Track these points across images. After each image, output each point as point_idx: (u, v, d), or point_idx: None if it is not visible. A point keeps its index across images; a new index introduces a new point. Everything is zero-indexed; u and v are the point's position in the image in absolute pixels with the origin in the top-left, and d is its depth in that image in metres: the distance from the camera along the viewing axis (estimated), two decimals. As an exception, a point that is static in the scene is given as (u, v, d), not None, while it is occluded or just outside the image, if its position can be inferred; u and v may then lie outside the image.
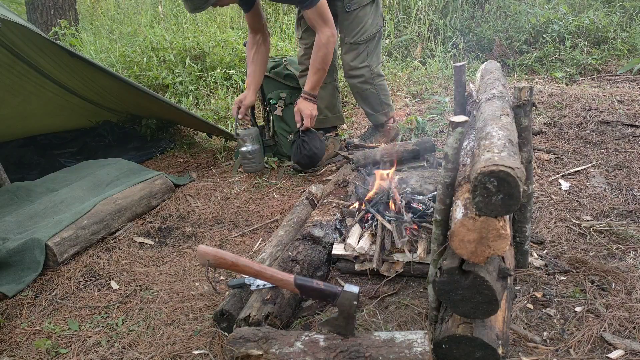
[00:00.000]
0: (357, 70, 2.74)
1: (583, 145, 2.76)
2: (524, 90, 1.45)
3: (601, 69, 4.41)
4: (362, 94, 2.84)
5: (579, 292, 1.58)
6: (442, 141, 2.96)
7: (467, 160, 1.36)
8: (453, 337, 1.23)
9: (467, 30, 5.06)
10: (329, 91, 2.90)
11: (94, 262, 2.06)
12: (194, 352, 1.49)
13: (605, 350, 1.35)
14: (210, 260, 1.49)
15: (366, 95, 2.84)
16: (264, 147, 3.07)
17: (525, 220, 1.63)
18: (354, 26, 2.64)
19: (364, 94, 2.83)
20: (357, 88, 2.81)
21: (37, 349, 1.58)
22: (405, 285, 1.72)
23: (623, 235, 1.86)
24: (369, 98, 2.85)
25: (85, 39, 5.42)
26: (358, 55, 2.72)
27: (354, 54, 2.72)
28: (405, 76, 4.40)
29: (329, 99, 2.91)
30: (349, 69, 2.76)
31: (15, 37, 2.69)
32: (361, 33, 2.66)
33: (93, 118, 3.66)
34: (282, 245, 1.88)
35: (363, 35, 2.66)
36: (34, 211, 2.37)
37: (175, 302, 1.76)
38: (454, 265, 1.18)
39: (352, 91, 2.90)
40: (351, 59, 2.73)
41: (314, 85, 2.54)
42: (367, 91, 2.81)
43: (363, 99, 2.87)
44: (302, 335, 1.32)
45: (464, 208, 1.15)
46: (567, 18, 4.91)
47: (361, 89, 2.81)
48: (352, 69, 2.75)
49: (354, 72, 2.76)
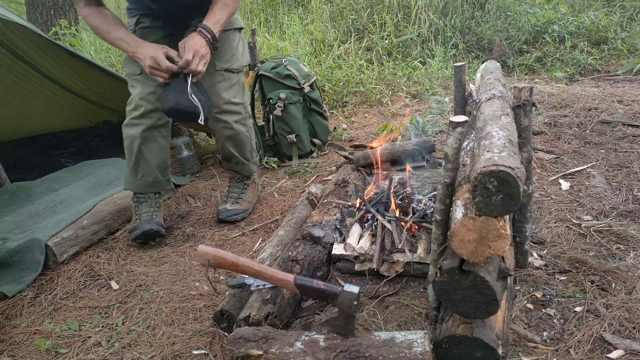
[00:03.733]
0: (233, 105, 2.19)
1: (583, 145, 2.76)
2: (524, 90, 1.45)
3: (601, 69, 4.41)
4: (236, 138, 2.27)
5: (579, 292, 1.58)
6: (442, 141, 2.97)
7: (467, 160, 1.36)
8: (453, 337, 1.23)
9: (467, 30, 5.06)
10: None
11: (94, 262, 2.06)
12: (194, 352, 1.49)
13: (605, 350, 1.35)
14: (210, 260, 1.49)
15: (240, 139, 2.29)
16: (264, 147, 3.08)
17: (525, 220, 1.63)
18: (226, 49, 2.14)
19: (237, 137, 2.27)
20: (231, 130, 2.23)
21: (37, 349, 1.58)
22: (405, 285, 1.72)
23: (623, 235, 1.86)
24: (243, 142, 2.31)
25: (85, 39, 5.42)
26: (231, 87, 2.17)
27: (228, 84, 2.15)
28: (405, 76, 4.41)
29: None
30: (224, 102, 2.15)
31: (16, 37, 2.69)
32: (234, 59, 2.17)
33: (93, 118, 3.66)
34: (282, 245, 1.88)
35: (236, 62, 2.18)
36: (34, 211, 2.37)
37: (175, 302, 1.76)
38: (454, 265, 1.18)
39: (222, 135, 2.25)
40: (225, 88, 2.14)
41: (217, 22, 1.96)
42: (242, 134, 2.28)
43: (236, 144, 2.30)
44: (302, 335, 1.32)
45: (464, 208, 1.15)
46: (567, 18, 4.92)
47: (236, 132, 2.25)
48: (227, 102, 2.16)
49: (230, 108, 2.18)
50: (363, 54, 4.79)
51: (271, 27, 5.69)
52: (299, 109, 3.01)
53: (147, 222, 2.13)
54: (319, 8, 5.48)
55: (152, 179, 2.22)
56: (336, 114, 3.90)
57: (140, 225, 2.12)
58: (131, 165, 2.18)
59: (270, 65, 3.00)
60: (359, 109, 4.00)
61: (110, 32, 1.97)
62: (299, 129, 2.99)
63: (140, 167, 2.18)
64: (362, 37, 5.12)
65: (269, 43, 4.81)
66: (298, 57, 4.08)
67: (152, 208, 2.22)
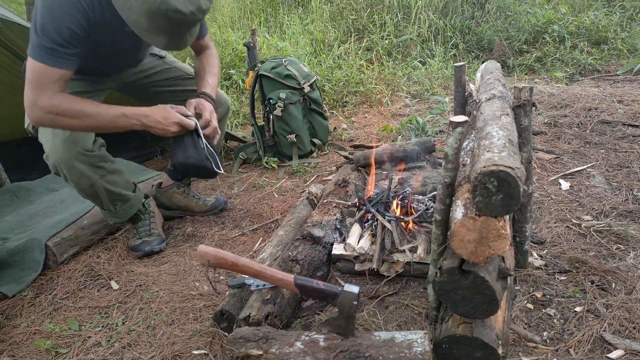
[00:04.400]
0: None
1: (583, 145, 2.76)
2: (524, 90, 1.45)
3: (601, 69, 4.41)
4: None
5: (579, 292, 1.58)
6: (442, 141, 2.97)
7: (467, 160, 1.36)
8: (453, 337, 1.23)
9: (467, 30, 5.06)
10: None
11: (94, 262, 2.06)
12: (194, 352, 1.49)
13: (605, 350, 1.35)
14: (210, 260, 1.49)
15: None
16: (264, 147, 3.08)
17: (525, 220, 1.63)
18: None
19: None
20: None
21: (37, 349, 1.58)
22: (405, 285, 1.72)
23: (623, 235, 1.86)
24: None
25: (85, 39, 5.41)
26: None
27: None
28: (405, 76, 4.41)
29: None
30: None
31: (16, 37, 2.69)
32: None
33: (93, 118, 3.66)
34: (282, 245, 1.88)
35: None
36: (34, 211, 2.37)
37: (175, 302, 1.76)
38: (454, 265, 1.18)
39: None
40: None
41: (213, 88, 2.09)
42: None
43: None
44: (302, 335, 1.32)
45: (464, 208, 1.15)
46: (567, 18, 4.92)
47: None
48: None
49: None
50: (363, 54, 4.79)
51: (271, 27, 5.69)
52: (299, 109, 3.01)
53: (147, 243, 2.11)
54: (319, 8, 5.48)
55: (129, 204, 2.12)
56: (336, 114, 3.90)
57: (141, 246, 2.11)
58: (106, 205, 2.06)
59: (270, 65, 3.00)
60: (359, 109, 4.00)
61: (104, 111, 1.75)
62: (299, 129, 2.99)
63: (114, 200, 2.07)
64: (362, 37, 5.12)
65: (269, 43, 4.81)
66: (298, 57, 4.08)
67: (147, 221, 2.19)
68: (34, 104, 1.65)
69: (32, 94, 1.65)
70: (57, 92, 1.67)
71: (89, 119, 1.72)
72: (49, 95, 1.65)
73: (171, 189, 2.42)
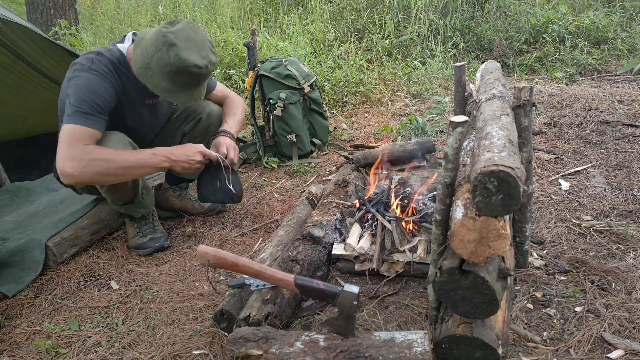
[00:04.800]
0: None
1: (583, 145, 2.76)
2: (524, 90, 1.45)
3: (601, 69, 4.41)
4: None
5: (579, 292, 1.58)
6: (442, 141, 2.97)
7: (467, 160, 1.36)
8: (453, 337, 1.23)
9: (467, 30, 5.06)
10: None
11: (94, 262, 2.06)
12: (194, 352, 1.49)
13: (605, 350, 1.35)
14: (210, 260, 1.49)
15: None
16: (264, 147, 3.08)
17: (525, 220, 1.63)
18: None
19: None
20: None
21: (37, 349, 1.58)
22: (405, 285, 1.72)
23: (623, 235, 1.86)
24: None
25: (85, 39, 5.42)
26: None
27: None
28: (405, 76, 4.41)
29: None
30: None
31: (16, 37, 2.69)
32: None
33: (93, 118, 3.66)
34: (282, 245, 1.88)
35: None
36: (34, 211, 2.37)
37: (175, 302, 1.76)
38: (454, 265, 1.18)
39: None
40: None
41: (232, 127, 2.24)
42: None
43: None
44: (302, 335, 1.32)
45: (464, 208, 1.15)
46: (567, 18, 4.92)
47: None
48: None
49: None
50: (363, 54, 4.78)
51: (271, 27, 5.69)
52: (299, 108, 3.01)
53: (155, 240, 2.13)
54: (319, 8, 5.48)
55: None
56: (336, 114, 3.90)
57: (149, 244, 2.12)
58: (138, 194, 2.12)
59: (270, 65, 3.00)
60: (359, 109, 4.00)
61: (135, 152, 1.89)
62: (299, 129, 2.99)
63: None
64: (362, 37, 5.12)
65: (269, 43, 4.80)
66: (298, 57, 4.07)
67: (151, 219, 2.20)
68: (66, 156, 1.75)
69: (65, 148, 1.76)
70: (88, 144, 1.78)
71: (121, 158, 1.82)
72: (81, 146, 1.76)
73: (167, 192, 2.45)
